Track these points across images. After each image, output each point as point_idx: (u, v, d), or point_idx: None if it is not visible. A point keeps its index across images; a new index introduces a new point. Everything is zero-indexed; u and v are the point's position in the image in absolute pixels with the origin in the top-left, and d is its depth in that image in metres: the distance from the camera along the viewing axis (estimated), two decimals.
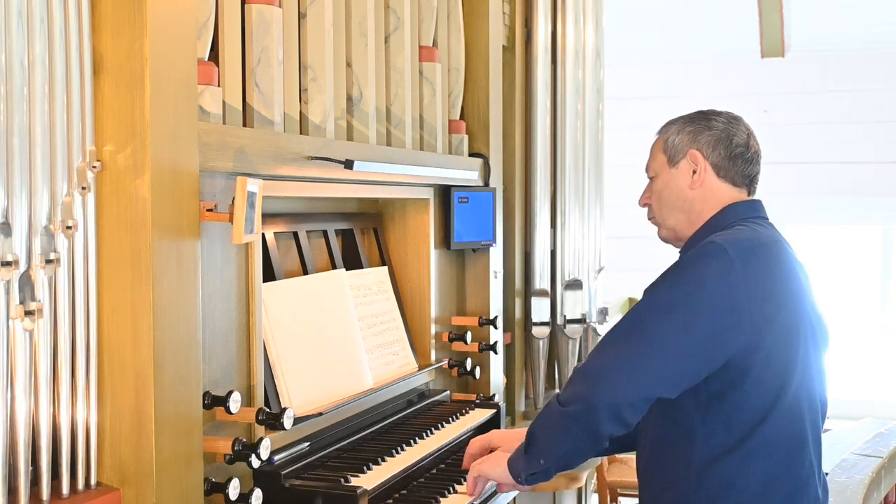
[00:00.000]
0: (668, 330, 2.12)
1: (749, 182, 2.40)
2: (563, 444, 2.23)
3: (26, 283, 1.67)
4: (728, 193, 2.36)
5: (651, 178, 2.45)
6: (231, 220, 1.99)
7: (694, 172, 2.35)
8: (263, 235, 2.47)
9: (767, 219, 2.40)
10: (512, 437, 2.61)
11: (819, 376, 2.30)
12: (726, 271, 2.13)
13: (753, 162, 2.39)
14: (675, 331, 2.12)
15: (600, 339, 2.26)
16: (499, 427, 3.10)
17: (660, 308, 2.16)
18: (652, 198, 2.44)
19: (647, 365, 2.13)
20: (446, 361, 3.24)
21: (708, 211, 2.36)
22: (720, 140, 2.36)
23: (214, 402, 2.02)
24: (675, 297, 2.16)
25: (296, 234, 2.74)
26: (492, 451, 2.60)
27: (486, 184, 3.47)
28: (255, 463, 2.06)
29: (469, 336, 3.31)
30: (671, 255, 2.39)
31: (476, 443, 2.62)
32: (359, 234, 3.07)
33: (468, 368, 3.28)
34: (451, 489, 2.49)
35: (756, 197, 2.42)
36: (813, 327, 2.28)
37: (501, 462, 2.36)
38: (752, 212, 2.37)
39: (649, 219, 2.49)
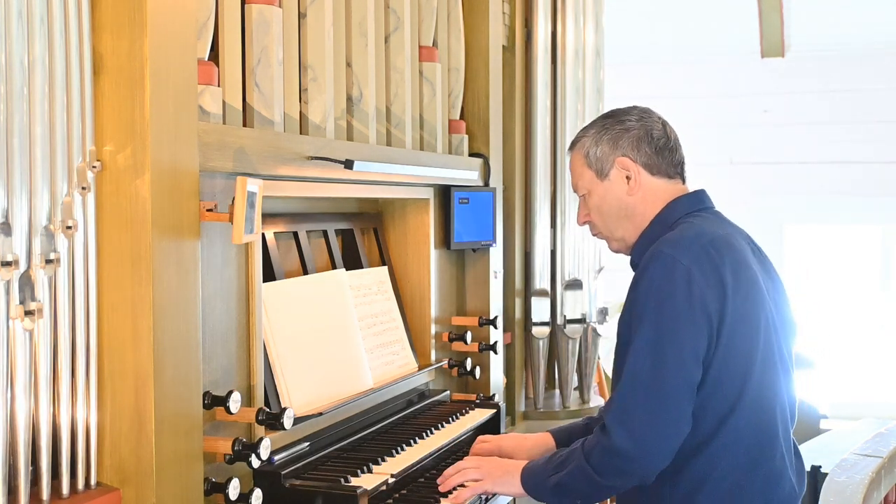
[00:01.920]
0: (669, 377, 2.13)
1: (680, 169, 2.39)
2: (595, 500, 2.29)
3: (26, 283, 1.67)
4: (666, 188, 2.36)
5: (583, 196, 2.43)
6: (231, 220, 1.99)
7: (628, 178, 2.34)
8: (263, 235, 2.47)
9: (712, 207, 2.40)
10: (522, 443, 2.60)
11: (783, 363, 2.28)
12: (688, 285, 2.13)
13: (677, 148, 2.38)
14: (674, 373, 2.13)
15: (611, 400, 2.23)
16: (498, 427, 3.10)
17: (650, 356, 2.14)
18: (591, 214, 2.42)
19: (666, 418, 2.14)
20: (446, 361, 3.24)
21: (651, 211, 2.35)
22: (641, 138, 2.34)
23: (214, 402, 2.02)
24: (657, 338, 2.14)
25: (296, 234, 2.74)
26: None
27: (486, 184, 3.47)
28: (255, 463, 2.06)
29: (469, 336, 3.31)
30: None
31: (485, 446, 2.62)
32: (359, 234, 3.07)
33: (468, 368, 3.28)
34: (451, 489, 2.49)
35: (696, 186, 2.41)
36: (773, 314, 2.27)
37: (512, 481, 2.36)
38: (695, 204, 2.36)
39: (594, 234, 2.47)
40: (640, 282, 2.20)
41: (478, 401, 3.16)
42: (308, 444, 2.40)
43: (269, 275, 2.49)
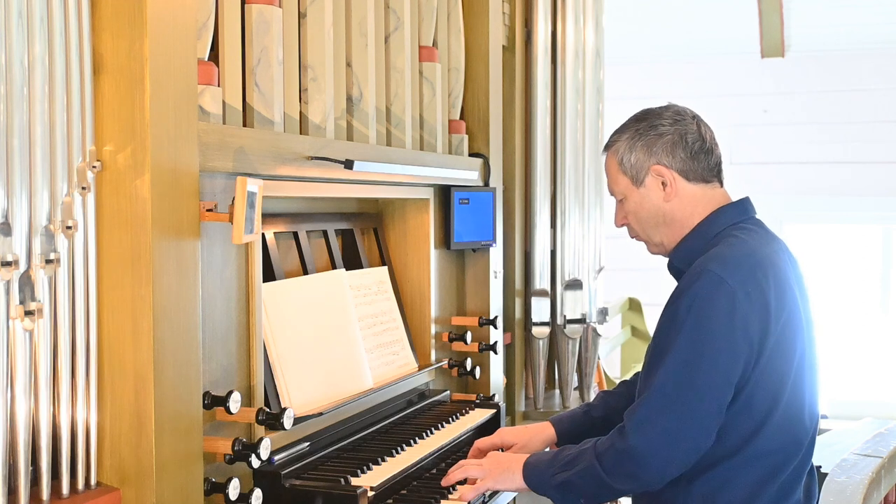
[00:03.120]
0: (697, 396, 2.12)
1: (717, 171, 2.36)
2: (600, 501, 2.29)
3: (26, 283, 1.67)
4: (703, 193, 2.33)
5: (620, 200, 2.40)
6: (231, 220, 1.99)
7: (664, 185, 2.31)
8: (263, 235, 2.47)
9: (755, 217, 2.37)
10: (522, 433, 2.61)
11: (811, 384, 2.29)
12: (732, 306, 2.11)
13: (713, 150, 2.35)
14: (702, 393, 2.12)
15: (636, 406, 2.20)
16: (498, 427, 3.09)
17: (683, 371, 2.13)
18: (629, 217, 2.39)
19: (687, 433, 2.14)
20: (446, 361, 3.23)
21: (690, 216, 2.32)
22: (675, 143, 2.31)
23: (214, 402, 2.02)
24: (693, 355, 2.13)
25: (296, 234, 2.74)
26: (501, 449, 2.61)
27: (486, 184, 3.47)
28: (255, 463, 2.06)
29: (469, 336, 3.31)
30: None
31: (486, 442, 2.62)
32: (359, 234, 3.07)
33: (468, 368, 3.28)
34: (451, 489, 2.49)
35: (744, 194, 2.40)
36: (806, 335, 2.27)
37: (513, 477, 2.35)
38: (740, 215, 2.34)
39: (632, 237, 2.45)
40: (683, 296, 2.17)
41: (478, 401, 3.16)
42: (308, 444, 2.40)
43: (269, 275, 2.49)
